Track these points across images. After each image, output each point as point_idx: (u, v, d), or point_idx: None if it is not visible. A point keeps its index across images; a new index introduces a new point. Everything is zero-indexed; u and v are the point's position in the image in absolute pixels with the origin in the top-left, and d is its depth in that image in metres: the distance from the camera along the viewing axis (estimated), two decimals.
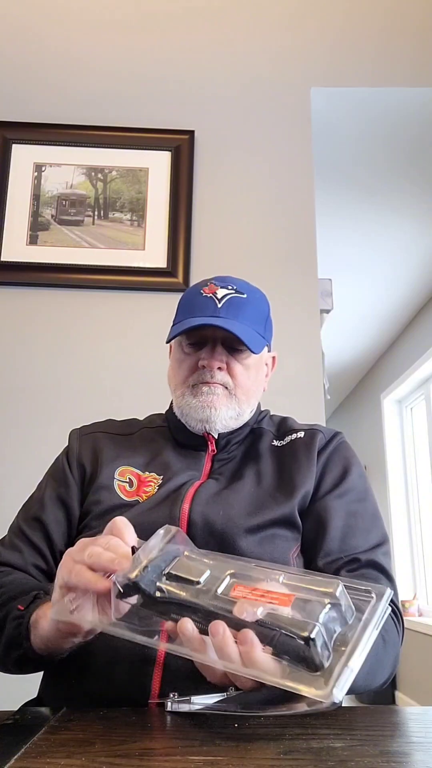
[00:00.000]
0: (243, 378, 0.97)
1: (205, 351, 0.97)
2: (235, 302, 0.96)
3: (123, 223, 1.84)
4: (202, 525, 0.86)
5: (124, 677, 0.76)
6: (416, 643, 3.98)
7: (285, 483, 0.94)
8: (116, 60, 1.97)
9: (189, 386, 0.97)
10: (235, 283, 1.00)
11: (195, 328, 0.94)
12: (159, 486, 0.93)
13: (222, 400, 0.96)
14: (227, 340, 0.96)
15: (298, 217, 1.88)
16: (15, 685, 0.90)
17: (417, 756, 0.53)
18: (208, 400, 0.95)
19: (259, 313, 1.00)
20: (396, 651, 0.85)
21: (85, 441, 1.03)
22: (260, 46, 2.00)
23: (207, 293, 0.97)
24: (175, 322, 1.01)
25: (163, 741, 0.57)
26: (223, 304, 0.95)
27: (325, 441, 0.99)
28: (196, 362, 0.97)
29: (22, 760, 0.50)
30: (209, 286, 0.98)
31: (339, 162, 2.44)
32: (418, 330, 4.16)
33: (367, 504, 0.95)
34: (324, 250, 2.07)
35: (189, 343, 0.99)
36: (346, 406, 6.21)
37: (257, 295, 1.02)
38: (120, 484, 0.95)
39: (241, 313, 0.96)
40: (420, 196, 2.72)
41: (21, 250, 1.80)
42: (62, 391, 1.72)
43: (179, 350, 1.01)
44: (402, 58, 2.01)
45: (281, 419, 1.07)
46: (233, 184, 1.89)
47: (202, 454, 0.99)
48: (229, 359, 0.97)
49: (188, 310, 0.98)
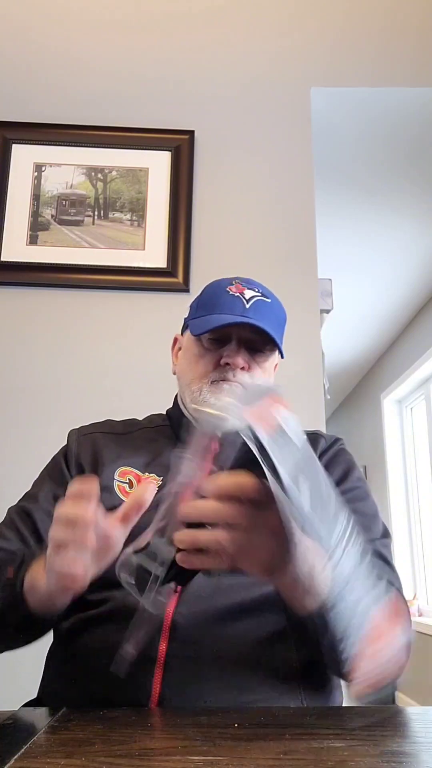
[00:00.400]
0: None
1: (230, 349, 0.96)
2: (262, 305, 0.97)
3: (123, 223, 1.84)
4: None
5: (125, 679, 0.76)
6: (416, 643, 3.97)
7: None
8: (116, 60, 1.97)
9: (209, 382, 0.96)
10: (259, 287, 1.01)
11: (227, 326, 0.94)
12: (159, 487, 0.92)
13: None
14: (250, 341, 0.96)
15: (298, 217, 1.88)
16: (15, 685, 0.90)
17: (417, 756, 0.53)
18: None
19: (280, 319, 1.01)
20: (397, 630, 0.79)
21: (84, 442, 1.02)
22: (260, 46, 2.00)
23: (234, 292, 0.97)
24: (196, 316, 1.00)
25: (163, 741, 0.57)
26: (252, 305, 0.96)
27: (327, 445, 1.00)
28: (218, 359, 0.96)
29: (22, 760, 0.50)
30: (236, 285, 0.99)
31: (339, 162, 2.44)
32: (418, 330, 4.16)
33: (367, 502, 0.95)
34: (324, 250, 2.07)
35: (211, 338, 0.98)
36: (346, 406, 6.20)
37: (278, 302, 1.03)
38: (120, 485, 0.94)
39: (267, 316, 0.97)
40: (420, 196, 2.72)
41: (21, 250, 1.80)
42: (62, 391, 1.72)
43: (197, 345, 0.99)
44: (402, 58, 2.01)
45: None
46: (233, 184, 1.89)
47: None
48: (250, 360, 0.97)
49: (214, 307, 0.97)
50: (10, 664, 1.48)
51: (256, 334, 0.94)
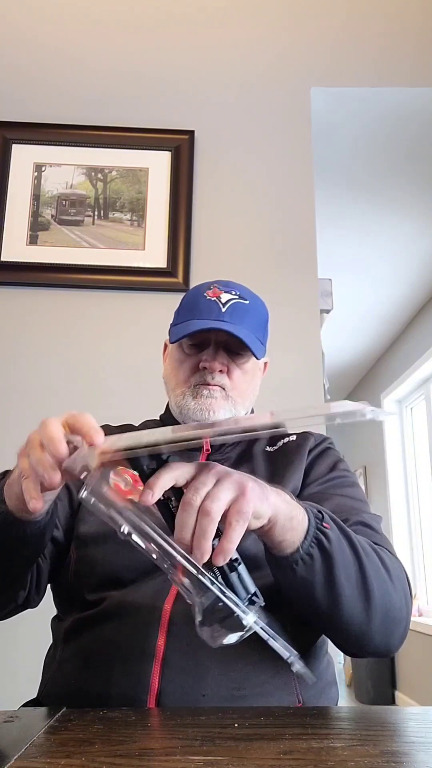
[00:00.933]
0: (240, 382, 1.00)
1: (207, 353, 0.98)
2: (239, 308, 0.98)
3: (123, 223, 1.84)
4: None
5: (123, 674, 0.76)
6: (416, 643, 3.98)
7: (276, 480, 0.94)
8: (116, 60, 1.97)
9: (190, 386, 0.99)
10: (237, 289, 1.02)
11: (201, 331, 0.96)
12: None
13: (220, 402, 0.98)
14: (229, 344, 0.98)
15: (298, 217, 1.88)
16: (15, 685, 0.90)
17: (417, 756, 0.53)
18: (207, 403, 0.97)
19: (260, 320, 1.02)
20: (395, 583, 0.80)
21: None
22: (260, 46, 2.00)
23: (211, 296, 0.99)
24: (176, 322, 1.02)
25: (163, 741, 0.57)
26: (228, 309, 0.97)
27: (315, 443, 1.03)
28: (197, 363, 0.98)
29: (22, 760, 0.50)
30: (213, 290, 1.00)
31: (339, 162, 2.44)
32: (418, 330, 4.16)
33: (355, 489, 0.97)
34: (324, 250, 2.07)
35: (191, 344, 1.00)
36: None
37: (258, 302, 1.04)
38: (115, 483, 0.96)
39: (244, 318, 0.98)
40: (420, 196, 2.72)
41: (21, 250, 1.80)
42: (62, 391, 1.72)
43: (179, 350, 1.02)
44: (402, 58, 2.01)
45: None
46: (233, 184, 1.89)
47: (197, 454, 1.00)
48: (229, 363, 0.99)
49: (192, 312, 0.99)
50: (9, 665, 1.48)
51: (232, 337, 0.95)
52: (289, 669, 0.79)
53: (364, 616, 0.73)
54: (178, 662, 0.75)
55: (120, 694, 0.74)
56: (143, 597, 0.82)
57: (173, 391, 1.01)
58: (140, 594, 0.82)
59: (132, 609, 0.81)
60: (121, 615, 0.82)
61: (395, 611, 0.77)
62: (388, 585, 0.77)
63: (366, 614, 0.73)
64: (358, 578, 0.73)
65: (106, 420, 1.12)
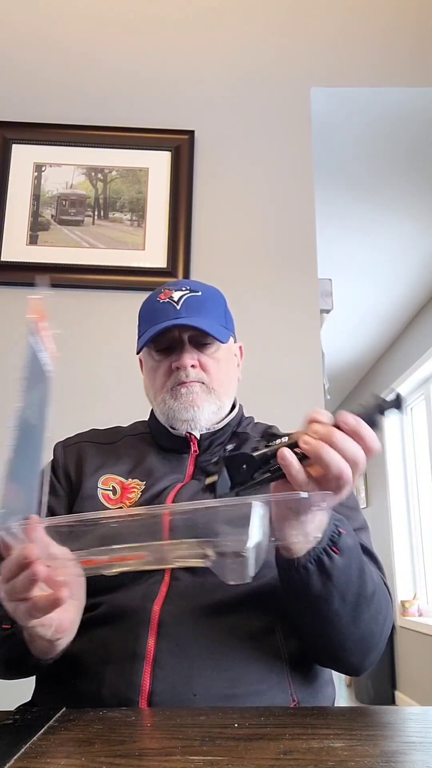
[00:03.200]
0: (216, 371, 0.99)
1: (175, 353, 0.98)
2: (192, 301, 0.99)
3: (123, 223, 1.84)
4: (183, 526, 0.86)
5: (115, 676, 0.76)
6: (416, 643, 3.98)
7: None
8: (116, 60, 1.97)
9: (168, 390, 0.99)
10: (188, 285, 1.03)
11: (160, 333, 0.96)
12: (142, 491, 0.94)
13: (202, 396, 0.97)
14: (194, 338, 0.98)
15: (298, 217, 1.88)
16: (13, 686, 0.90)
17: (417, 756, 0.53)
18: (188, 400, 0.97)
19: (217, 307, 1.02)
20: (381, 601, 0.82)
21: (70, 452, 1.04)
22: (260, 46, 2.00)
23: (163, 299, 1.00)
24: (139, 334, 1.03)
25: (163, 741, 0.57)
26: (182, 305, 0.98)
27: None
28: (169, 366, 0.99)
29: (22, 760, 0.50)
30: (164, 292, 1.01)
31: (339, 162, 2.44)
32: (418, 330, 4.16)
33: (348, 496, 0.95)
34: (324, 250, 2.06)
35: (158, 350, 1.01)
36: (346, 406, 6.19)
37: (211, 291, 1.04)
38: (104, 493, 0.96)
39: (200, 309, 0.98)
40: (420, 196, 2.72)
41: (21, 250, 1.80)
42: (62, 391, 1.71)
43: (150, 359, 1.03)
44: (402, 58, 2.01)
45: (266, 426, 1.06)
46: (233, 184, 1.89)
47: (185, 457, 1.00)
48: (200, 356, 0.99)
49: (150, 319, 1.00)
50: None
51: (193, 329, 0.96)
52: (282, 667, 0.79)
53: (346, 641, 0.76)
54: (169, 662, 0.75)
55: (112, 695, 0.74)
56: (132, 600, 0.82)
57: (155, 399, 1.02)
58: (129, 597, 0.82)
59: (121, 612, 0.81)
60: (111, 619, 0.82)
61: (376, 638, 0.79)
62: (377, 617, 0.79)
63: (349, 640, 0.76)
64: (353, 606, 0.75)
65: (101, 421, 1.12)
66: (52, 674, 0.84)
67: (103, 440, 1.06)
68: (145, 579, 0.84)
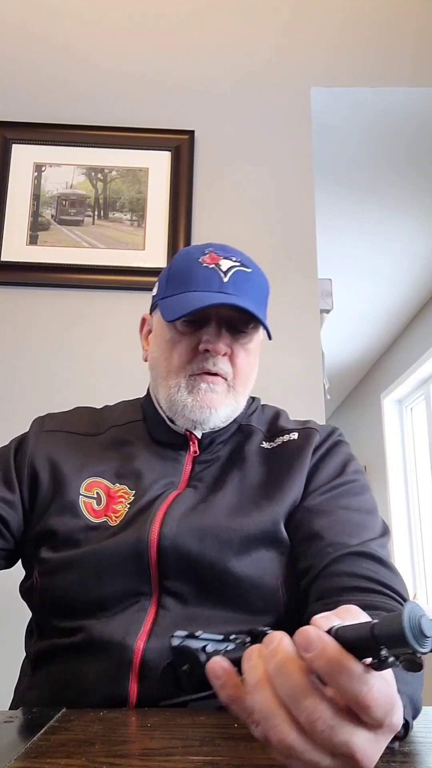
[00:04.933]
0: (244, 365, 0.86)
1: (209, 332, 0.82)
2: (242, 277, 0.84)
3: (123, 223, 1.84)
4: (174, 554, 0.78)
5: (101, 687, 0.72)
6: None
7: (271, 489, 0.83)
8: (116, 60, 1.97)
9: (186, 377, 0.84)
10: (237, 255, 0.88)
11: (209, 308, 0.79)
12: (130, 503, 0.83)
13: (221, 397, 0.83)
14: (232, 320, 0.84)
15: (298, 217, 1.88)
16: (12, 685, 0.90)
17: (417, 756, 0.53)
18: (207, 399, 0.82)
19: (263, 291, 0.89)
20: None
21: (44, 441, 0.90)
22: (260, 46, 2.00)
23: (208, 263, 0.83)
24: (167, 294, 0.85)
25: (163, 741, 0.57)
26: (230, 278, 0.82)
27: (320, 440, 0.89)
28: (195, 345, 0.83)
29: (22, 760, 0.50)
30: (209, 255, 0.84)
31: (339, 162, 2.44)
32: (418, 330, 4.16)
33: (363, 498, 0.85)
34: (324, 250, 2.07)
35: (186, 321, 0.84)
36: (346, 406, 6.20)
37: (259, 271, 0.90)
38: (86, 502, 0.83)
39: (248, 289, 0.84)
40: (420, 196, 2.72)
41: (21, 250, 1.80)
42: (62, 391, 1.71)
43: (171, 330, 0.85)
44: (402, 58, 2.01)
45: (273, 414, 0.96)
46: (233, 184, 1.89)
47: (182, 455, 0.88)
48: (232, 343, 0.85)
49: (186, 283, 0.83)
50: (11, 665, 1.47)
51: (238, 311, 0.81)
52: None
53: None
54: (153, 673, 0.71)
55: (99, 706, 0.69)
56: (113, 632, 0.74)
57: (164, 380, 0.85)
58: (110, 628, 0.74)
59: (101, 646, 0.74)
60: (90, 651, 0.75)
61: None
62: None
63: None
64: None
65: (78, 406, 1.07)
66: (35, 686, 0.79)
67: (86, 430, 0.93)
68: (131, 603, 0.76)
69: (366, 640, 0.37)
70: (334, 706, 0.38)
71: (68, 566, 0.79)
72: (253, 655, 0.42)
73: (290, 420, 0.96)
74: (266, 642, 0.42)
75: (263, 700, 0.40)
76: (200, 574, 0.77)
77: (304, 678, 0.39)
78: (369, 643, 0.37)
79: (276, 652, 0.40)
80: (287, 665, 0.39)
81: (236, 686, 0.43)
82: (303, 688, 0.38)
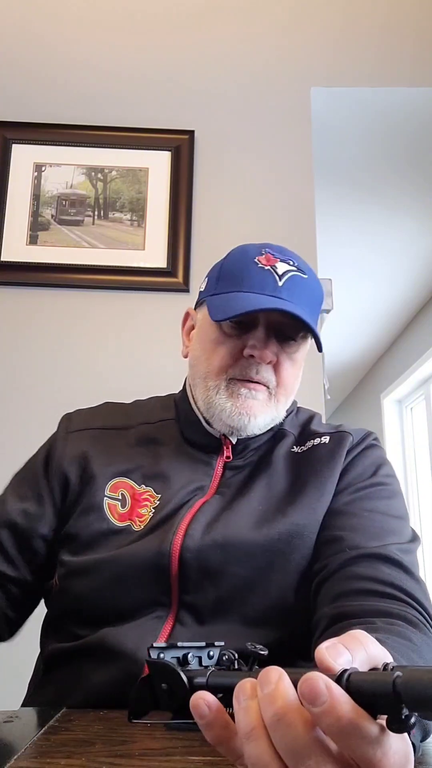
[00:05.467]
0: (288, 376, 0.83)
1: (257, 337, 0.79)
2: (298, 282, 0.80)
3: (123, 223, 1.84)
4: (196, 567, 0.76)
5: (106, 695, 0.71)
6: None
7: (298, 494, 0.81)
8: (116, 60, 1.97)
9: (227, 379, 0.80)
10: (294, 258, 0.83)
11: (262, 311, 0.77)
12: (155, 508, 0.80)
13: (261, 406, 0.81)
14: (281, 326, 0.80)
15: (298, 217, 1.88)
16: (13, 686, 0.90)
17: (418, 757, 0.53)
18: (246, 406, 0.79)
19: (318, 300, 0.84)
20: None
21: (73, 443, 0.88)
22: (260, 46, 2.00)
23: (264, 264, 0.80)
24: (216, 291, 0.82)
25: (163, 741, 0.57)
26: (285, 283, 0.79)
27: (354, 442, 0.87)
28: (241, 348, 0.80)
29: (22, 760, 0.50)
30: (266, 256, 0.81)
31: (339, 162, 2.44)
32: (418, 330, 4.15)
33: (393, 502, 0.82)
34: (324, 250, 2.06)
35: (233, 322, 0.80)
36: (346, 406, 6.20)
37: (315, 277, 0.85)
38: (111, 504, 0.82)
39: (303, 296, 0.80)
40: (420, 196, 2.72)
41: (21, 250, 1.79)
42: (62, 391, 1.71)
43: (216, 329, 0.82)
44: (402, 58, 2.01)
45: (307, 418, 0.94)
46: (233, 184, 1.89)
47: (214, 459, 0.85)
48: (279, 351, 0.81)
49: (239, 282, 0.80)
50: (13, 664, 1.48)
51: (290, 318, 0.77)
52: None
53: None
54: None
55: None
56: (126, 642, 0.72)
57: (203, 380, 0.82)
58: (123, 637, 0.73)
59: (113, 654, 0.73)
60: (100, 657, 0.74)
61: None
62: None
63: None
64: None
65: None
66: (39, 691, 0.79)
67: (116, 424, 0.90)
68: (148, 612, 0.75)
69: (386, 697, 0.32)
70: (340, 765, 0.34)
71: (86, 572, 0.78)
72: (246, 692, 0.37)
73: (323, 424, 0.94)
74: (261, 680, 0.36)
75: (258, 751, 0.35)
76: (221, 589, 0.76)
77: (308, 733, 0.34)
78: (389, 701, 0.32)
79: (274, 698, 0.35)
80: (288, 716, 0.34)
81: (224, 726, 0.38)
82: (305, 746, 0.34)
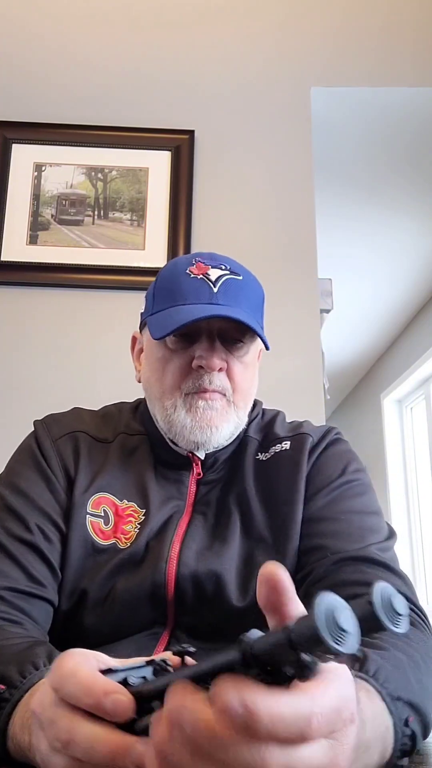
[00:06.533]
0: (242, 379, 0.80)
1: (202, 347, 0.78)
2: (233, 286, 0.79)
3: (123, 223, 1.84)
4: (191, 595, 0.76)
5: None
6: None
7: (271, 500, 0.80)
8: (116, 59, 1.97)
9: (182, 395, 0.79)
10: (227, 262, 0.83)
11: (198, 321, 0.75)
12: (140, 523, 0.79)
13: (222, 414, 0.79)
14: (224, 331, 0.79)
15: (298, 217, 1.88)
16: None
17: (418, 757, 0.53)
18: (206, 417, 0.77)
19: (257, 299, 0.84)
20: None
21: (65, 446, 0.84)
22: (260, 45, 2.00)
23: (196, 274, 0.79)
24: (155, 310, 0.81)
25: None
26: (220, 288, 0.78)
27: (314, 443, 0.85)
28: (189, 362, 0.78)
29: None
30: (197, 265, 0.80)
31: (339, 162, 2.44)
32: (418, 330, 4.16)
33: (366, 498, 0.83)
34: (324, 250, 2.06)
35: (177, 336, 0.78)
36: (346, 406, 6.20)
37: (251, 277, 0.85)
38: (94, 522, 0.78)
39: (239, 298, 0.79)
40: (420, 196, 2.72)
41: (21, 250, 1.79)
42: (62, 391, 1.71)
43: (161, 347, 0.80)
44: (402, 58, 2.01)
45: (269, 420, 0.91)
46: (233, 184, 1.89)
47: (185, 477, 0.83)
48: (228, 356, 0.80)
49: (174, 296, 0.79)
50: None
51: (230, 322, 0.76)
52: None
53: None
54: None
55: None
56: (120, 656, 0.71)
57: (159, 400, 0.80)
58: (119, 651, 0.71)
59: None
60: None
61: None
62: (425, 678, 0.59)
63: None
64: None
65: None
66: None
67: (96, 433, 0.86)
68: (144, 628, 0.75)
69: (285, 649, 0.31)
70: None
71: (80, 599, 0.77)
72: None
73: (285, 424, 0.91)
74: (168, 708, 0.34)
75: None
76: (216, 614, 0.76)
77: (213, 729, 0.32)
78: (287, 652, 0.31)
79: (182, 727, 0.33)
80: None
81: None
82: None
